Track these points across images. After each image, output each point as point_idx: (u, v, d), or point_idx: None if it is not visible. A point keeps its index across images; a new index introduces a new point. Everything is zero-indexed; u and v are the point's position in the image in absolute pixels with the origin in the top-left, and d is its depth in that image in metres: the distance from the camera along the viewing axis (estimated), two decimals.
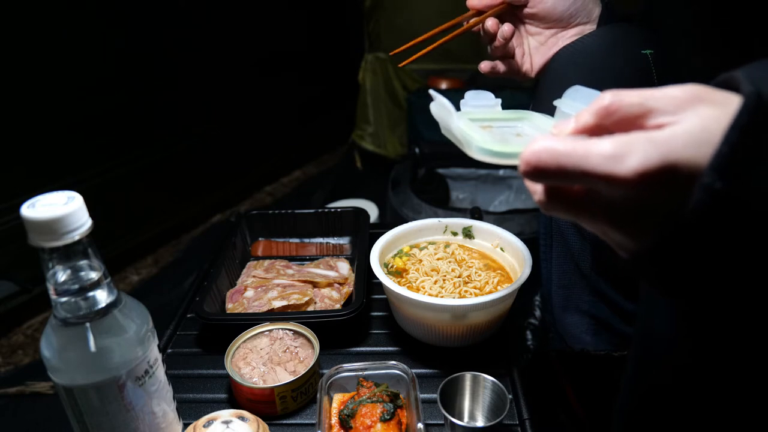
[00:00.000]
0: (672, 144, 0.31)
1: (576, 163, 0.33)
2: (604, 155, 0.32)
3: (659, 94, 0.33)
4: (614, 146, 0.32)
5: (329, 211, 1.04)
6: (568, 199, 0.36)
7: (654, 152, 0.31)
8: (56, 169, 1.47)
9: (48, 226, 0.44)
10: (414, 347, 0.77)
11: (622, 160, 0.31)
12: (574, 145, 0.33)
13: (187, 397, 0.71)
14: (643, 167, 0.31)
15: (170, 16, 1.68)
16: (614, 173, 0.32)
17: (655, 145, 0.31)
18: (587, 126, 0.36)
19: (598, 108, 0.35)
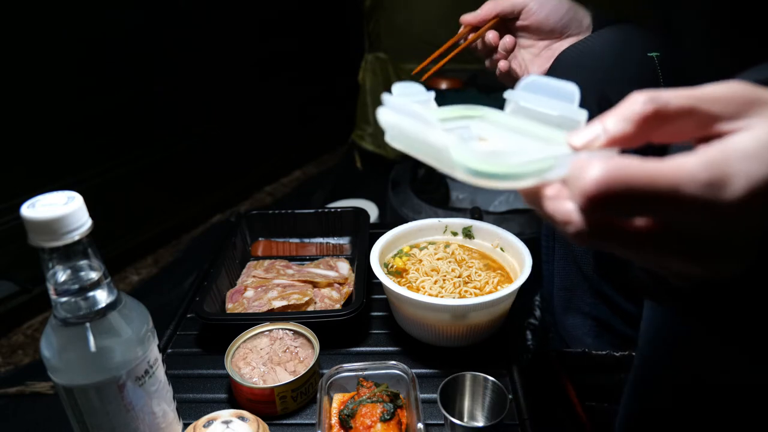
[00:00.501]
0: None
1: (665, 192, 0.26)
2: (700, 181, 0.26)
3: (707, 96, 0.29)
4: (710, 170, 0.26)
5: (329, 211, 1.04)
6: (624, 233, 0.29)
7: (755, 171, 0.26)
8: (56, 169, 1.47)
9: (48, 226, 0.44)
10: (414, 347, 0.77)
11: (723, 185, 0.26)
12: (657, 169, 0.27)
13: (187, 397, 0.71)
14: (750, 191, 0.26)
15: (170, 16, 1.68)
16: (716, 201, 0.26)
17: (754, 163, 0.26)
18: (624, 135, 0.30)
19: (635, 114, 0.29)
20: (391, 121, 0.36)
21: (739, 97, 0.29)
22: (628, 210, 0.28)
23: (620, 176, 0.26)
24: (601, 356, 0.78)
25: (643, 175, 0.26)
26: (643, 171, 0.26)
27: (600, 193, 0.27)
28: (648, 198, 0.27)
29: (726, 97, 0.29)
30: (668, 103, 0.29)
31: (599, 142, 0.30)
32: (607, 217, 0.28)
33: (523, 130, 0.39)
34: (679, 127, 0.30)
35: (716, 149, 0.27)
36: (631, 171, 0.26)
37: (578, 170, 0.28)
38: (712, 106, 0.29)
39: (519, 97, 0.41)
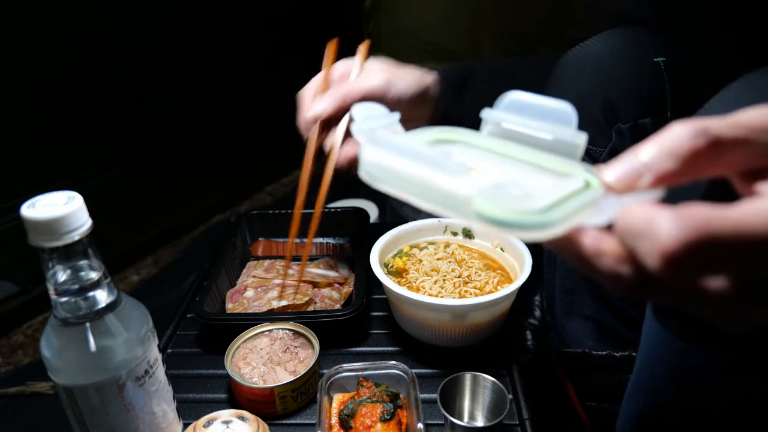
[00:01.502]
0: None
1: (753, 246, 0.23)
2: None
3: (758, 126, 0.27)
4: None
5: (329, 211, 1.04)
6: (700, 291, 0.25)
7: None
8: (56, 169, 1.47)
9: (48, 226, 0.44)
10: (414, 347, 0.77)
11: None
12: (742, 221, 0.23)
13: (187, 397, 0.71)
14: None
15: (170, 15, 1.68)
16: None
17: None
18: (672, 173, 0.26)
19: (684, 149, 0.26)
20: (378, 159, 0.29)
21: None
22: (711, 268, 0.24)
23: (706, 232, 0.23)
24: (601, 356, 0.77)
25: (730, 228, 0.23)
26: (729, 224, 0.23)
27: (682, 253, 0.23)
28: (737, 254, 0.24)
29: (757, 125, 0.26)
30: (722, 136, 0.26)
31: (645, 181, 0.26)
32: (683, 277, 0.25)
33: (515, 157, 0.33)
34: (730, 161, 0.27)
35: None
36: (716, 224, 0.23)
37: (645, 225, 0.24)
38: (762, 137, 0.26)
39: (500, 117, 0.35)
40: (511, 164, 0.33)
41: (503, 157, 0.33)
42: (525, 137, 0.34)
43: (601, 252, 0.27)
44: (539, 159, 0.32)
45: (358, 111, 0.38)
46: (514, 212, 0.26)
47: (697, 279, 0.25)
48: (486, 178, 0.31)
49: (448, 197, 0.27)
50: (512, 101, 0.34)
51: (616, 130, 0.67)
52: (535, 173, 0.31)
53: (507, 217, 0.26)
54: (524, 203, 0.26)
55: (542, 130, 0.33)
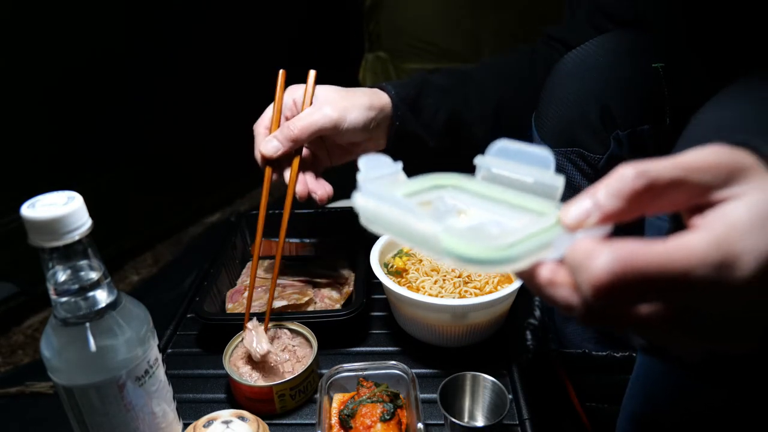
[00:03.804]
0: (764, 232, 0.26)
1: (675, 278, 0.26)
2: (710, 263, 0.26)
3: (695, 166, 0.29)
4: (717, 250, 0.26)
5: (329, 211, 1.04)
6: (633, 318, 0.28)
7: (762, 246, 0.26)
8: (56, 169, 1.47)
9: (48, 226, 0.44)
10: (414, 347, 0.77)
11: (733, 265, 0.26)
12: (665, 254, 0.26)
13: (187, 397, 0.71)
14: (761, 267, 0.26)
15: (170, 15, 1.68)
16: (728, 282, 0.26)
17: (757, 237, 0.26)
18: (616, 212, 0.29)
19: (626, 190, 0.28)
20: (369, 207, 0.34)
21: (726, 164, 0.29)
22: (639, 298, 0.27)
23: (631, 265, 0.26)
24: (601, 357, 0.77)
25: (653, 261, 0.26)
26: (653, 257, 0.26)
27: (610, 284, 0.26)
28: (660, 285, 0.26)
29: (713, 166, 0.29)
30: (659, 177, 0.28)
31: (593, 220, 0.29)
32: (616, 305, 0.27)
33: (501, 199, 0.37)
34: (671, 199, 0.29)
35: (719, 225, 0.27)
36: (641, 258, 0.26)
37: (583, 258, 0.27)
38: (702, 176, 0.28)
39: (490, 163, 0.39)
40: (497, 206, 0.37)
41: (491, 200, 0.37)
42: (511, 181, 0.38)
43: (554, 282, 0.29)
44: (521, 200, 0.36)
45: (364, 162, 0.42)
46: (479, 249, 0.29)
47: (628, 308, 0.27)
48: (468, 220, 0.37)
49: (423, 238, 0.31)
50: (501, 148, 0.38)
51: (614, 137, 0.66)
52: (516, 213, 0.35)
53: (471, 254, 0.29)
54: (497, 240, 0.29)
55: (525, 174, 0.37)
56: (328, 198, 0.74)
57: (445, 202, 0.37)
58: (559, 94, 0.69)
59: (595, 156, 0.67)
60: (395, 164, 0.42)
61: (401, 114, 0.75)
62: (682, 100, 0.58)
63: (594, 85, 0.67)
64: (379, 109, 0.73)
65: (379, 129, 0.75)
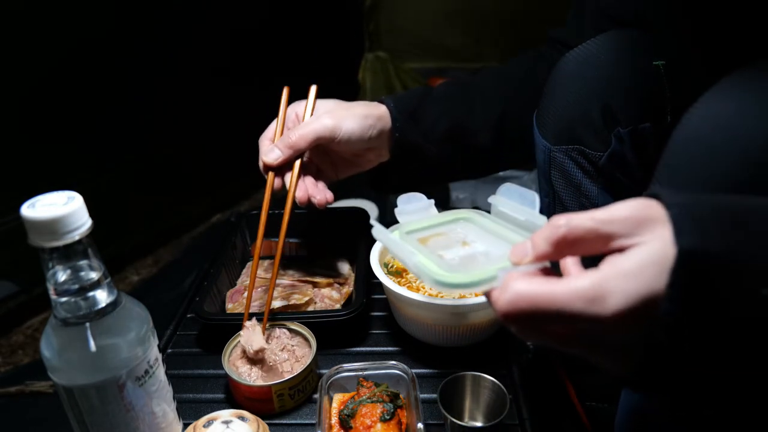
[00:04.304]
0: (645, 276, 0.32)
1: (558, 309, 0.34)
2: (584, 298, 0.33)
3: (611, 218, 0.34)
4: (591, 287, 0.33)
5: (329, 211, 1.04)
6: (546, 334, 0.36)
7: (629, 289, 0.32)
8: (56, 169, 1.47)
9: (48, 226, 0.44)
10: (414, 347, 0.77)
11: (601, 301, 0.32)
12: (550, 288, 0.34)
13: (187, 397, 0.71)
14: (624, 306, 0.32)
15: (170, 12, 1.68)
16: (597, 315, 0.33)
17: (629, 281, 0.32)
18: (545, 254, 0.37)
19: (553, 237, 0.36)
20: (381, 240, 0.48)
21: (637, 215, 0.34)
22: (540, 322, 0.35)
23: (524, 296, 0.34)
24: None
25: (541, 298, 0.34)
26: (541, 294, 0.34)
27: (508, 314, 0.35)
28: (548, 312, 0.34)
29: (624, 218, 0.34)
30: (576, 228, 0.35)
31: (528, 259, 0.38)
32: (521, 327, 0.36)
33: (499, 233, 0.48)
34: (588, 245, 0.35)
35: (607, 268, 0.33)
36: (531, 296, 0.34)
37: (499, 292, 0.36)
38: (611, 227, 0.34)
39: (498, 201, 0.49)
40: (494, 238, 0.48)
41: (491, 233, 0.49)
42: (509, 217, 0.48)
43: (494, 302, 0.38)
44: (511, 235, 0.47)
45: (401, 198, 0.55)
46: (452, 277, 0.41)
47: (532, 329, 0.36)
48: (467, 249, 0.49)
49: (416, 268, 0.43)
50: (505, 188, 0.49)
51: (615, 135, 0.66)
52: (505, 244, 0.46)
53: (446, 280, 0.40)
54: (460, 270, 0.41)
55: (518, 212, 0.47)
56: (327, 203, 0.76)
57: (457, 233, 0.50)
58: (560, 93, 0.69)
59: (596, 153, 0.67)
60: (428, 200, 0.55)
61: (400, 125, 0.77)
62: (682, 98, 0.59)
63: (595, 84, 0.66)
64: (376, 117, 0.75)
65: (379, 139, 0.76)
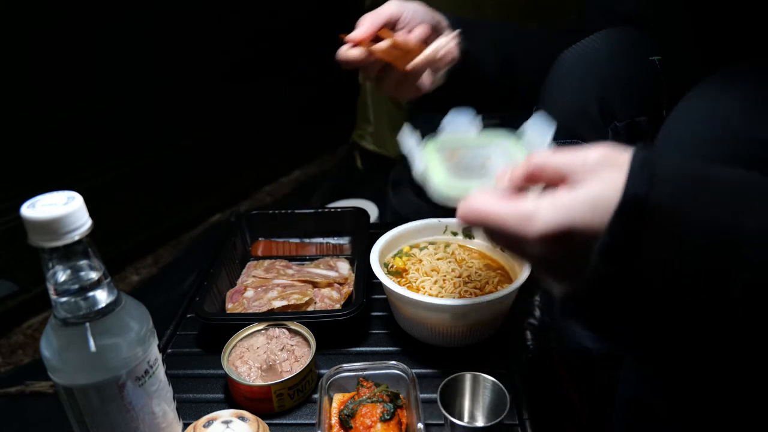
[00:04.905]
0: (571, 209, 0.36)
1: (496, 222, 0.40)
2: (517, 216, 0.38)
3: (578, 159, 0.38)
4: (526, 209, 0.38)
5: (329, 211, 1.04)
6: (502, 242, 0.42)
7: (555, 217, 0.36)
8: (56, 169, 1.47)
9: (48, 226, 0.44)
10: (414, 347, 0.77)
11: (530, 222, 0.37)
12: (496, 206, 0.40)
13: (187, 397, 0.71)
14: (546, 230, 0.36)
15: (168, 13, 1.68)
16: (525, 234, 0.38)
17: (557, 210, 0.36)
18: (518, 180, 0.43)
19: (527, 169, 0.41)
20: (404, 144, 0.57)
21: (597, 159, 0.37)
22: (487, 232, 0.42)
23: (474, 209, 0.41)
24: (601, 356, 0.77)
25: (489, 208, 0.40)
26: (491, 205, 0.40)
27: (464, 218, 0.42)
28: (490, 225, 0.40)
29: (585, 160, 0.38)
30: (546, 165, 0.40)
31: (503, 182, 0.44)
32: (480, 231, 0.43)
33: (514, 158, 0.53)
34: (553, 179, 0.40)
35: (547, 197, 0.37)
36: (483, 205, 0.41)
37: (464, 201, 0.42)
38: (572, 167, 0.38)
39: (527, 128, 0.54)
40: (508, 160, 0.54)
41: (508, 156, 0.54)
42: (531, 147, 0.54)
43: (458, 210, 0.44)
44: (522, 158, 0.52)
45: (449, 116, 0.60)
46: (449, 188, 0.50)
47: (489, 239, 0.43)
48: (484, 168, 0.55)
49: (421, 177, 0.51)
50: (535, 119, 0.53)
51: (612, 128, 0.67)
52: None
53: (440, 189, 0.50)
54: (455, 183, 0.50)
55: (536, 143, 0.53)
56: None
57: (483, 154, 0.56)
58: (559, 90, 0.71)
59: None
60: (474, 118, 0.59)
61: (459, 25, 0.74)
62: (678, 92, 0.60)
63: (593, 80, 0.68)
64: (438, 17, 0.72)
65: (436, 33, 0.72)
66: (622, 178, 0.35)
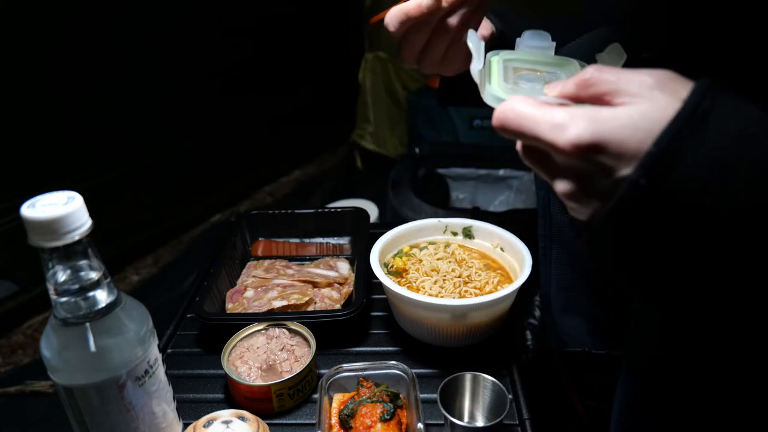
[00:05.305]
0: (608, 123, 0.34)
1: (530, 126, 0.37)
2: (551, 123, 0.36)
3: (633, 77, 0.36)
4: (561, 117, 0.36)
5: (329, 211, 1.04)
6: (534, 156, 0.40)
7: (588, 128, 0.34)
8: (56, 169, 1.47)
9: (48, 226, 0.44)
10: (414, 347, 0.77)
11: (563, 129, 0.35)
12: (535, 110, 0.37)
13: (187, 397, 0.71)
14: (577, 140, 0.34)
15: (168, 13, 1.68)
16: (555, 141, 0.35)
17: (593, 122, 0.34)
18: (569, 93, 0.39)
19: (579, 79, 0.38)
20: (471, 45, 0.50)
21: (655, 80, 0.35)
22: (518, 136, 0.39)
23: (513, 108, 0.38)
24: (601, 356, 0.78)
25: (526, 109, 0.37)
26: (528, 107, 0.37)
27: (498, 118, 0.39)
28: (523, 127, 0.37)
29: (643, 80, 0.35)
30: (599, 77, 0.37)
31: (553, 93, 0.40)
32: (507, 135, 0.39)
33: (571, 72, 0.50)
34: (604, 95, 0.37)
35: (585, 108, 0.36)
36: (521, 106, 0.38)
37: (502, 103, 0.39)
38: (627, 84, 0.36)
39: (600, 57, 0.52)
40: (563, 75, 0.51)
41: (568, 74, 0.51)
42: None
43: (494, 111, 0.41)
44: None
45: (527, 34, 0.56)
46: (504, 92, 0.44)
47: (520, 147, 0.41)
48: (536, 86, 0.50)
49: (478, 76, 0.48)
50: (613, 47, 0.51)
51: None
52: None
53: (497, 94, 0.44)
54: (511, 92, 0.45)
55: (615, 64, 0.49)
56: None
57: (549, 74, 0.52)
58: None
59: None
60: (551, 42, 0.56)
61: None
62: None
63: None
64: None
65: None
66: (674, 103, 0.34)
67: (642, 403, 0.54)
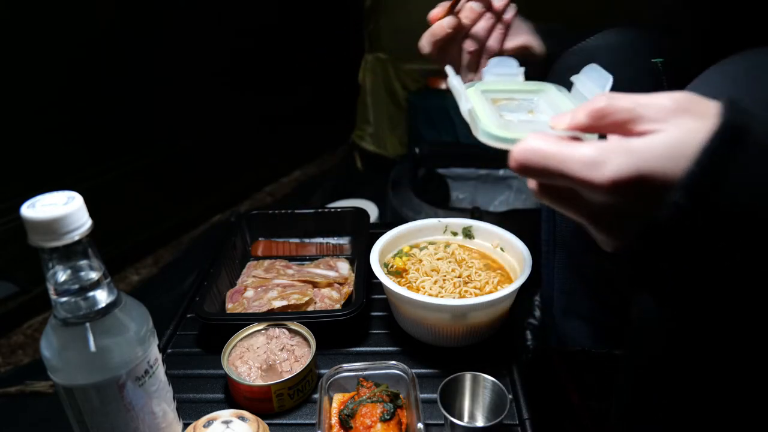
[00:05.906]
0: (647, 155, 0.33)
1: (558, 166, 0.35)
2: (583, 161, 0.34)
3: (650, 102, 0.35)
4: (594, 153, 0.34)
5: (329, 211, 1.04)
6: (555, 194, 0.39)
7: (628, 162, 0.33)
8: (56, 169, 1.47)
9: (48, 226, 0.44)
10: (414, 347, 0.77)
11: (599, 167, 0.33)
12: (559, 148, 0.35)
13: (187, 397, 0.71)
14: (617, 176, 0.33)
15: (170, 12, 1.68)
16: (591, 179, 0.34)
17: (631, 156, 0.33)
18: (581, 125, 0.37)
19: (592, 109, 0.36)
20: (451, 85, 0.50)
21: (674, 105, 0.34)
22: (544, 176, 0.37)
23: (535, 148, 0.36)
24: (601, 356, 0.78)
25: (550, 149, 0.35)
26: (551, 146, 0.36)
27: (520, 160, 0.37)
28: (551, 167, 0.35)
29: (662, 104, 0.34)
30: (615, 104, 0.36)
31: (562, 125, 0.38)
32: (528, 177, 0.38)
33: (562, 108, 0.49)
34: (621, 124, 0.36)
35: (615, 140, 0.35)
36: (544, 145, 0.36)
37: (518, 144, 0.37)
38: (646, 110, 0.34)
39: (578, 81, 0.50)
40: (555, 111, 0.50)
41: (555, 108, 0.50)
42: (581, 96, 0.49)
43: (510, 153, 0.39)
44: None
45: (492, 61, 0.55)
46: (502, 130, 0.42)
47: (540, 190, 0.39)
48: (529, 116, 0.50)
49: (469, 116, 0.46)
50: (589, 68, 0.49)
51: None
52: None
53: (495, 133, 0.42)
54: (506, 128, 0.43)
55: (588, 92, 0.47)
56: None
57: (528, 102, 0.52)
58: None
59: None
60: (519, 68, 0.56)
61: None
62: None
63: None
64: None
65: None
66: (704, 125, 0.33)
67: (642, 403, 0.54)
